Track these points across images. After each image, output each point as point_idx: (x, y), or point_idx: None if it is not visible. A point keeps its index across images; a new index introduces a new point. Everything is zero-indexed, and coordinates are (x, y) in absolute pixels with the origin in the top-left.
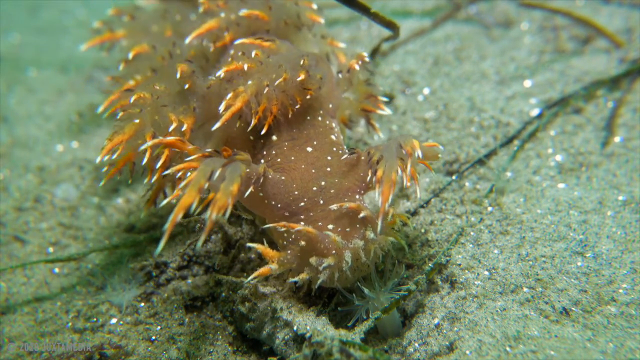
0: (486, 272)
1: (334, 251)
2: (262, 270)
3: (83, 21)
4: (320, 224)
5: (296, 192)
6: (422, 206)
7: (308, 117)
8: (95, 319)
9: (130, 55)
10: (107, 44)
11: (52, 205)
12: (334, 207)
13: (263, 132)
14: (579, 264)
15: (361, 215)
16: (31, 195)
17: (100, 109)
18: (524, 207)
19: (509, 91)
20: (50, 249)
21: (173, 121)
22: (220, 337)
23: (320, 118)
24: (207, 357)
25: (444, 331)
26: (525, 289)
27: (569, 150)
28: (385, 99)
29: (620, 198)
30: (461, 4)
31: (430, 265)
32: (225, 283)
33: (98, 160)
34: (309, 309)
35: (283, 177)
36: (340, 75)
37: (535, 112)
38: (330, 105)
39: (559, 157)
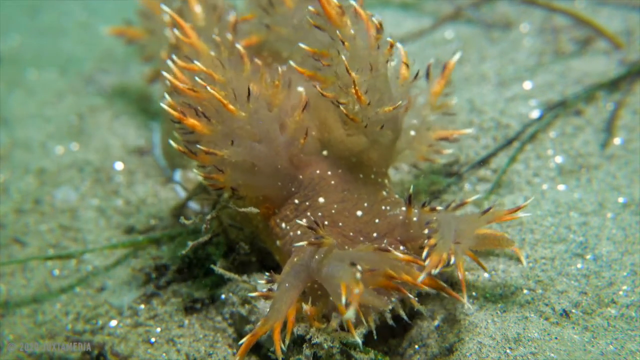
0: (486, 274)
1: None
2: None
3: (83, 23)
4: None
5: None
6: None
7: (361, 175)
8: (94, 321)
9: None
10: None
11: (52, 207)
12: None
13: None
14: (579, 265)
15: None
16: (31, 197)
17: None
18: (524, 209)
19: (509, 93)
20: (50, 251)
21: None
22: (220, 339)
23: (373, 176)
24: None
25: (444, 333)
26: (525, 291)
27: (569, 152)
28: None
29: (620, 200)
30: (461, 6)
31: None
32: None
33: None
34: None
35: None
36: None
37: (535, 113)
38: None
39: (559, 159)
